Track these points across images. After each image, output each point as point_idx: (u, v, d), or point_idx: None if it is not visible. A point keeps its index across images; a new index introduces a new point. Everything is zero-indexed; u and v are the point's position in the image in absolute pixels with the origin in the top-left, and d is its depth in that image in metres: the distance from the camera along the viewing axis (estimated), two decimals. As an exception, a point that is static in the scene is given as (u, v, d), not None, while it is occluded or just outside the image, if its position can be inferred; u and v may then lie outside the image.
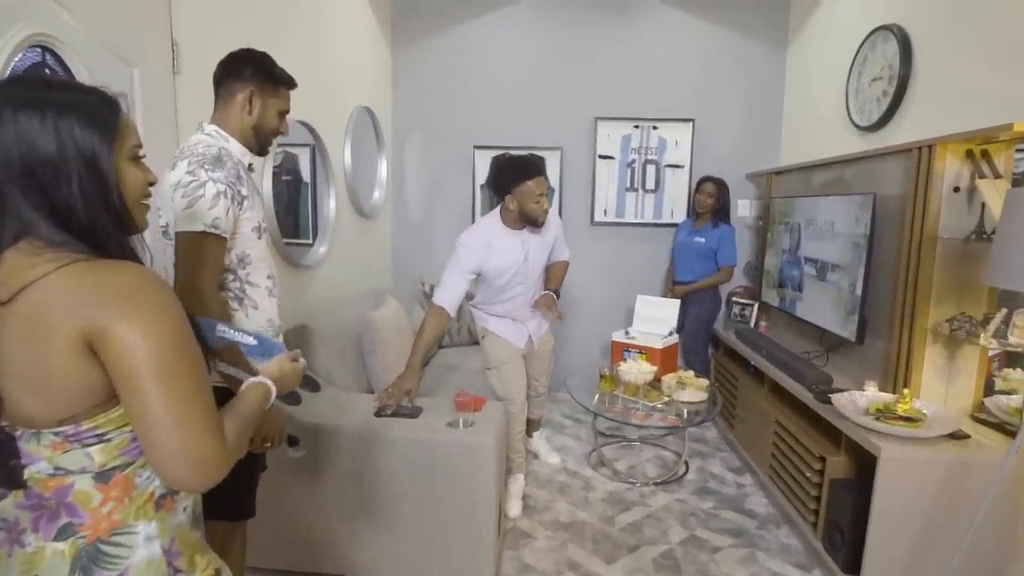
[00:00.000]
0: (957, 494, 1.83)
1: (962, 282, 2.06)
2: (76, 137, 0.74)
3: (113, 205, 0.78)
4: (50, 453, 0.76)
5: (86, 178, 0.75)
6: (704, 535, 2.41)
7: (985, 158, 1.98)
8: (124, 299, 0.73)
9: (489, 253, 2.39)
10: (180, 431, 0.74)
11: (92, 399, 0.76)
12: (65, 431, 0.75)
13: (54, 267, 0.73)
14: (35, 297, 0.72)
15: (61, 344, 0.71)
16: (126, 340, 0.71)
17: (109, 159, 0.77)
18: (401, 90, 3.92)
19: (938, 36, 2.32)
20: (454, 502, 1.99)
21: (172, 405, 0.73)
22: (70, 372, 0.73)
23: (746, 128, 3.80)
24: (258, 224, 1.44)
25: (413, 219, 4.05)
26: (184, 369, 0.76)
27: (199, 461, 0.75)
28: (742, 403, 3.07)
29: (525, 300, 2.58)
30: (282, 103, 1.49)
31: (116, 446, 0.78)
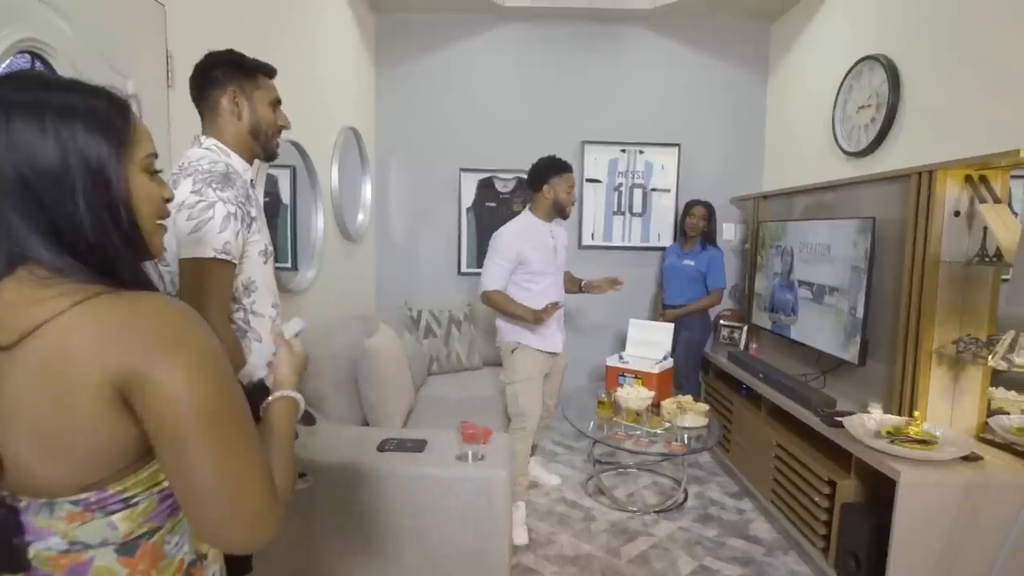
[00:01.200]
0: (976, 517, 1.82)
1: (964, 304, 2.09)
2: (81, 145, 0.63)
3: (124, 224, 0.67)
4: (65, 526, 0.64)
5: (92, 193, 0.63)
6: (714, 565, 2.35)
7: (983, 183, 2.03)
8: (161, 339, 0.62)
9: (522, 241, 2.61)
10: (232, 488, 0.64)
11: (123, 459, 0.65)
12: (87, 499, 0.64)
13: (70, 302, 0.61)
14: (50, 341, 0.60)
15: (87, 397, 0.60)
16: (167, 387, 0.61)
17: (119, 170, 0.66)
18: (385, 111, 3.85)
19: (925, 65, 2.40)
20: (464, 541, 1.88)
21: (222, 460, 0.63)
22: (99, 429, 0.61)
23: (730, 153, 3.86)
24: (265, 247, 1.33)
25: (397, 243, 3.95)
26: (233, 417, 0.65)
27: (255, 519, 0.65)
28: (738, 427, 3.05)
29: (554, 298, 2.65)
30: (268, 93, 1.37)
31: (143, 511, 0.67)
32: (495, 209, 3.89)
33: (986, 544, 1.82)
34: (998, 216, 1.94)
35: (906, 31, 2.51)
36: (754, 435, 2.85)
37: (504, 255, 2.59)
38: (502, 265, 2.59)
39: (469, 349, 3.55)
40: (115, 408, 0.61)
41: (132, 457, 0.65)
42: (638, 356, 3.23)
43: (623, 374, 3.14)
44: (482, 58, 3.82)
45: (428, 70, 3.82)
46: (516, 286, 2.65)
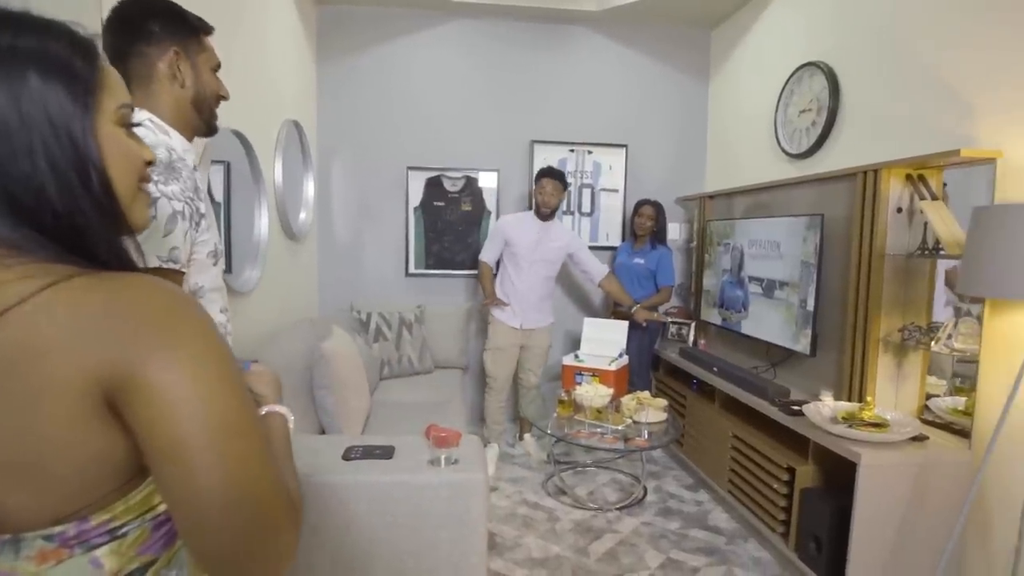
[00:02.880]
0: (927, 492, 1.93)
1: (907, 294, 2.23)
2: (36, 95, 0.51)
3: (96, 188, 0.54)
4: (35, 568, 0.51)
5: (55, 150, 0.51)
6: (680, 557, 2.38)
7: (922, 181, 2.17)
8: (154, 329, 0.50)
9: (513, 227, 3.29)
10: (248, 511, 0.52)
11: (111, 481, 0.53)
12: (63, 532, 0.51)
13: (37, 286, 0.49)
14: (12, 334, 0.48)
15: (63, 403, 0.48)
16: (165, 389, 0.49)
17: (86, 123, 0.53)
18: (327, 105, 3.68)
19: (862, 71, 2.54)
20: (440, 548, 1.80)
21: (235, 476, 0.51)
22: (78, 444, 0.50)
23: (675, 155, 3.97)
24: (215, 247, 1.17)
25: (341, 243, 3.78)
26: (244, 423, 0.53)
27: (273, 546, 0.54)
28: (692, 421, 3.12)
29: (526, 282, 3.29)
30: (211, 57, 1.18)
31: (134, 543, 0.55)
32: (444, 208, 3.81)
33: (937, 517, 1.94)
34: (937, 212, 2.08)
35: (843, 39, 2.66)
36: (709, 428, 2.92)
37: (496, 234, 3.34)
38: (493, 242, 3.34)
39: (421, 352, 3.45)
40: (99, 416, 0.50)
41: (122, 477, 0.53)
42: (594, 354, 3.25)
43: (580, 372, 3.15)
44: (430, 54, 3.74)
45: (373, 65, 3.69)
46: (502, 267, 3.36)
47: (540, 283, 3.33)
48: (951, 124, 2.07)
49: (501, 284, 3.35)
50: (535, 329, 3.35)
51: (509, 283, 3.31)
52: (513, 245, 3.25)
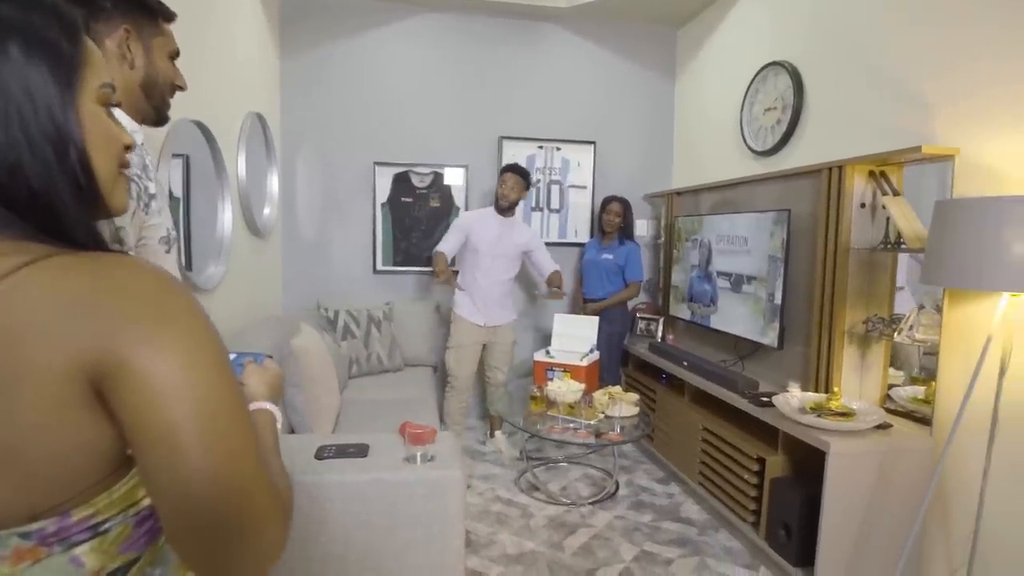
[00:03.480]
0: (892, 478, 2.00)
1: (870, 287, 2.30)
2: (18, 69, 0.48)
3: (74, 167, 0.51)
4: (9, 568, 0.48)
5: (33, 123, 0.48)
6: (653, 549, 2.40)
7: (884, 177, 2.24)
8: (142, 311, 0.47)
9: (475, 222, 3.25)
10: (238, 505, 0.50)
11: (94, 473, 0.50)
12: (42, 529, 0.48)
13: (14, 264, 0.46)
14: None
15: (45, 390, 0.45)
16: (153, 375, 0.46)
17: (68, 98, 0.51)
18: (291, 99, 3.59)
19: (825, 71, 2.61)
20: (418, 547, 1.76)
21: (226, 468, 0.49)
22: (60, 433, 0.47)
23: (642, 152, 4.01)
24: (167, 232, 1.12)
25: (306, 239, 3.69)
26: (235, 413, 0.51)
27: (264, 543, 0.52)
28: (661, 414, 3.16)
29: (489, 278, 3.26)
30: (168, 43, 1.12)
31: (116, 540, 0.52)
32: (411, 204, 3.75)
33: (900, 501, 2.00)
34: (898, 207, 2.15)
35: (807, 39, 2.73)
36: (679, 421, 2.96)
37: (457, 226, 3.26)
38: (453, 234, 3.23)
39: (390, 350, 3.39)
40: (84, 403, 0.47)
41: (106, 469, 0.50)
42: (564, 350, 3.26)
43: (551, 368, 3.15)
44: (397, 48, 3.67)
45: (339, 57, 3.61)
46: (461, 262, 3.32)
47: (502, 279, 3.31)
48: (911, 123, 2.14)
49: (463, 281, 3.31)
50: (499, 326, 3.33)
51: (471, 279, 3.28)
52: (475, 240, 3.22)
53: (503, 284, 3.32)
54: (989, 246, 1.54)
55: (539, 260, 3.42)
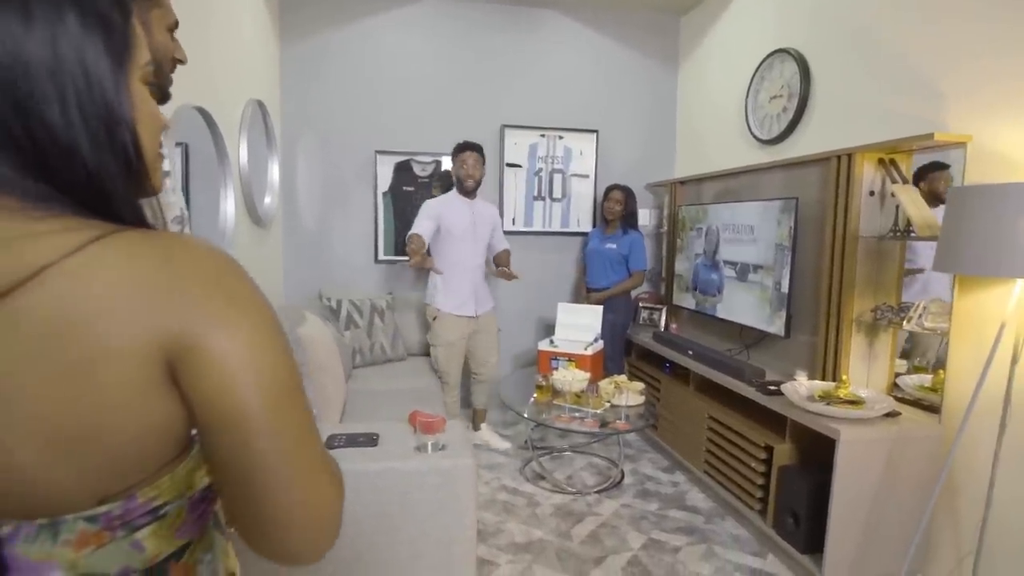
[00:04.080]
0: (901, 466, 2.00)
1: (878, 276, 2.30)
2: (75, 42, 0.46)
3: (127, 147, 0.49)
4: (73, 554, 0.47)
5: (88, 101, 0.46)
6: (661, 537, 2.41)
7: (893, 165, 2.23)
8: (214, 292, 0.47)
9: (444, 209, 3.08)
10: (304, 486, 0.50)
11: (164, 454, 0.49)
12: (108, 513, 0.47)
13: (83, 239, 0.44)
14: (59, 292, 0.42)
15: (123, 369, 0.44)
16: (227, 354, 0.46)
17: (119, 78, 0.49)
18: (291, 87, 3.54)
19: (833, 58, 2.60)
20: (430, 535, 1.76)
21: (294, 450, 0.49)
22: (136, 415, 0.45)
23: (645, 141, 3.99)
24: (180, 212, 1.11)
25: (307, 229, 3.65)
26: (300, 395, 0.51)
27: (327, 524, 0.51)
28: (666, 404, 3.16)
29: (471, 264, 3.15)
30: (167, 14, 1.05)
31: (172, 524, 0.51)
32: (413, 193, 3.72)
33: (909, 489, 2.01)
34: (908, 195, 2.14)
35: (814, 26, 2.71)
36: (684, 410, 2.96)
37: (428, 214, 3.04)
38: (426, 220, 3.02)
39: (393, 339, 3.37)
40: (158, 385, 0.45)
41: (174, 451, 0.50)
42: (569, 339, 3.25)
43: (556, 358, 3.14)
44: (398, 35, 3.63)
45: (340, 45, 3.57)
46: (439, 253, 3.11)
47: (481, 263, 3.23)
48: (920, 110, 2.13)
49: (443, 275, 3.09)
50: (484, 314, 3.24)
51: (454, 269, 3.10)
52: (449, 227, 3.07)
53: (482, 268, 3.25)
54: (1005, 233, 1.54)
55: (496, 237, 3.31)
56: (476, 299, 3.18)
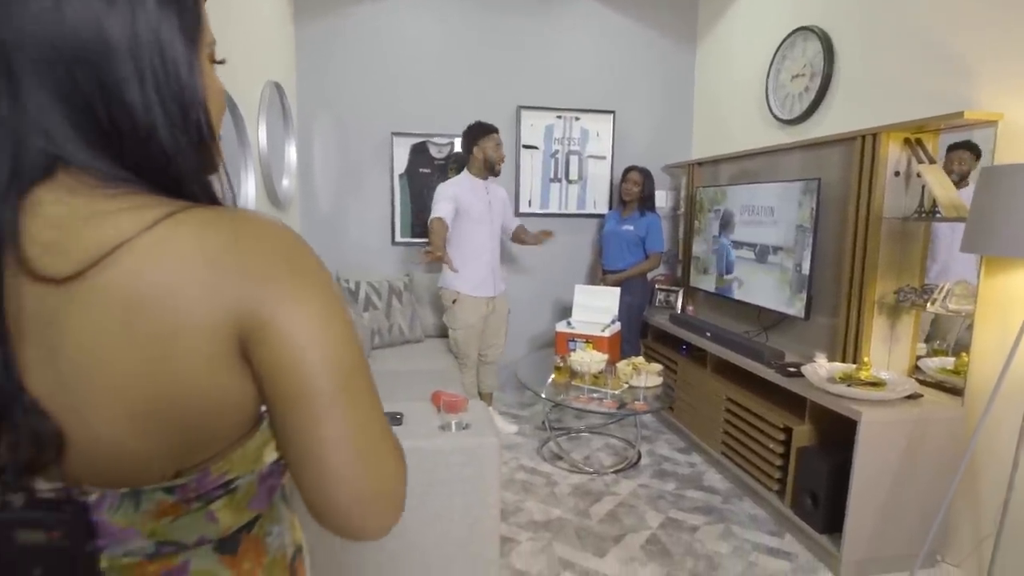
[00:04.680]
0: (922, 448, 2.01)
1: (902, 257, 2.28)
2: (153, 21, 0.46)
3: (201, 127, 0.50)
4: (154, 523, 0.49)
5: (164, 81, 0.47)
6: (679, 516, 2.44)
7: (919, 145, 2.20)
8: (283, 268, 0.47)
9: (461, 191, 3.01)
10: (372, 462, 0.50)
11: (236, 429, 0.50)
12: (185, 485, 0.49)
13: (157, 215, 0.44)
14: (136, 268, 0.43)
15: (199, 345, 0.44)
16: (297, 330, 0.46)
17: (192, 58, 0.49)
18: (307, 68, 3.53)
19: (858, 37, 2.55)
20: (455, 513, 1.79)
21: (362, 426, 0.49)
22: (212, 389, 0.46)
23: (661, 122, 3.95)
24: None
25: (324, 211, 3.67)
26: (366, 372, 0.51)
27: (393, 499, 0.52)
28: (683, 385, 3.17)
29: (488, 245, 3.11)
30: None
31: (244, 497, 0.53)
32: (429, 175, 3.72)
33: (929, 471, 2.02)
34: (935, 175, 2.12)
35: (838, 4, 2.65)
36: (701, 392, 2.97)
37: (447, 197, 2.97)
38: (446, 203, 2.95)
39: (411, 321, 3.40)
40: (232, 361, 0.46)
41: (245, 427, 0.51)
42: (586, 321, 3.26)
43: (573, 339, 3.15)
44: (413, 15, 3.60)
45: (355, 25, 3.54)
46: (458, 235, 3.03)
47: (497, 245, 3.21)
48: (949, 87, 2.09)
49: (462, 258, 2.99)
50: (499, 295, 3.21)
51: (475, 251, 3.06)
52: (467, 210, 3.01)
53: (498, 249, 3.24)
54: (1037, 213, 1.52)
55: (508, 218, 3.31)
56: (495, 279, 3.17)
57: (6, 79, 0.43)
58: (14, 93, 0.43)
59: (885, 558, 2.06)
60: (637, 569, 2.08)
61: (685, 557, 2.15)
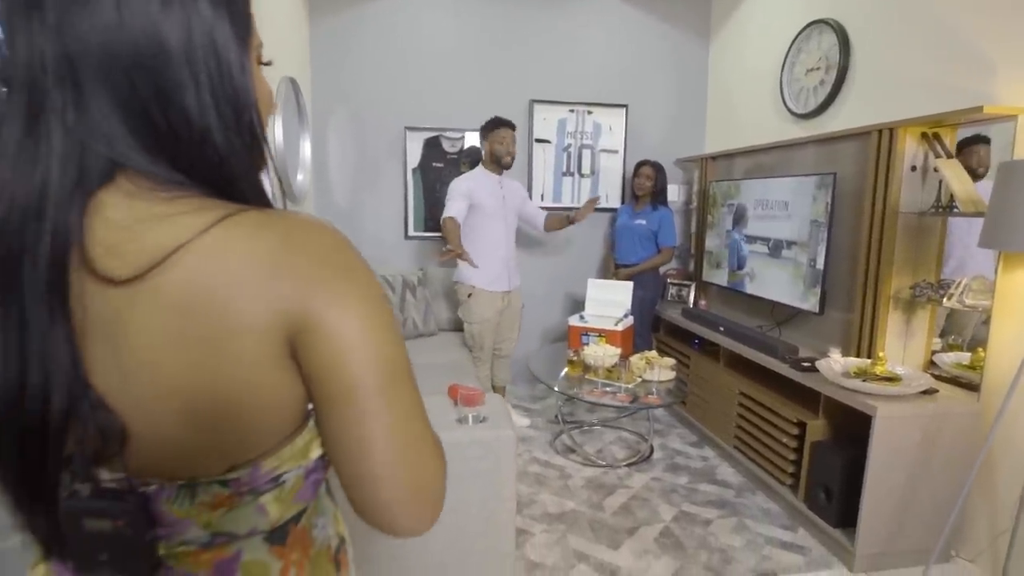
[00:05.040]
0: (938, 444, 2.01)
1: (917, 252, 2.27)
2: (207, 24, 0.47)
3: (253, 128, 0.51)
4: (209, 515, 0.51)
5: (218, 84, 0.48)
6: (692, 510, 2.45)
7: (937, 140, 2.19)
8: (331, 270, 0.48)
9: (474, 186, 3.01)
10: (414, 460, 0.51)
11: (285, 427, 0.51)
12: (238, 479, 0.50)
13: (212, 218, 0.46)
14: (193, 270, 0.44)
15: (252, 345, 0.46)
16: (343, 330, 0.47)
17: (244, 60, 0.50)
18: (321, 63, 3.55)
19: (875, 29, 2.53)
20: (471, 505, 1.81)
21: (404, 425, 0.51)
22: (265, 388, 0.48)
23: (674, 115, 3.94)
24: None
25: (338, 205, 3.69)
26: (410, 372, 0.53)
27: (434, 497, 0.53)
28: (695, 379, 3.18)
29: (502, 239, 3.11)
30: None
31: (291, 490, 0.54)
32: (442, 169, 3.73)
33: (945, 466, 2.02)
34: (953, 170, 2.11)
35: (855, -4, 2.64)
36: (714, 386, 2.98)
37: (460, 193, 2.98)
38: (459, 200, 2.96)
39: (425, 315, 3.42)
40: (283, 361, 0.47)
41: (295, 423, 0.52)
42: (599, 315, 3.27)
43: (586, 333, 3.17)
44: (426, 10, 3.60)
45: (368, 20, 3.55)
46: (472, 230, 3.02)
47: (512, 239, 3.20)
48: (967, 81, 2.08)
49: (476, 250, 2.97)
50: (513, 290, 3.21)
51: (490, 245, 3.06)
52: (482, 205, 3.01)
53: (513, 243, 3.22)
54: (1057, 209, 1.52)
55: (531, 210, 3.31)
56: (510, 273, 3.16)
57: (73, 90, 0.44)
58: (80, 103, 0.45)
59: (899, 552, 2.06)
60: (651, 562, 2.10)
61: (699, 550, 2.17)
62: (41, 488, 0.46)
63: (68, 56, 0.44)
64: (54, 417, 0.44)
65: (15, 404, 0.44)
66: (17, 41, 0.44)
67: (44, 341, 0.43)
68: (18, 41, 0.44)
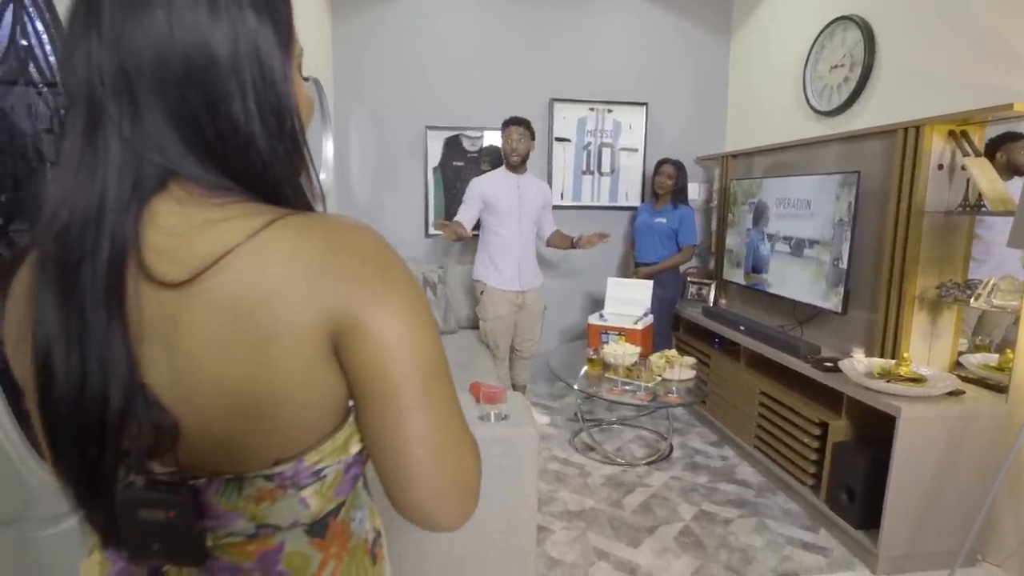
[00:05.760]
0: (963, 446, 1.98)
1: (944, 252, 2.24)
2: (253, 32, 0.49)
3: (295, 135, 0.52)
4: (255, 507, 0.52)
5: (263, 92, 0.49)
6: (712, 509, 2.45)
7: (965, 138, 2.15)
8: (373, 272, 0.50)
9: (490, 186, 3.10)
10: (452, 457, 0.53)
11: (328, 423, 0.53)
12: (282, 472, 0.52)
13: (259, 224, 0.47)
14: (242, 273, 0.46)
15: (297, 345, 0.47)
16: (385, 330, 0.49)
17: (287, 68, 0.51)
18: (343, 64, 3.59)
19: (900, 26, 2.50)
20: (492, 506, 1.83)
21: (443, 423, 0.53)
22: (309, 386, 0.49)
23: (694, 113, 3.92)
24: None
25: (360, 204, 3.74)
26: (447, 369, 0.55)
27: (469, 493, 0.55)
28: (716, 378, 3.17)
29: (516, 239, 3.13)
30: None
31: (331, 484, 0.56)
32: (463, 168, 3.76)
33: (971, 468, 2.00)
34: (981, 168, 2.07)
35: (881, -8, 2.60)
36: (734, 385, 2.97)
37: (472, 197, 3.12)
38: (469, 204, 3.12)
39: (445, 313, 3.46)
40: (327, 360, 0.49)
41: (337, 419, 0.54)
42: (619, 313, 3.27)
43: (606, 331, 3.17)
44: (447, 10, 3.63)
45: (389, 21, 3.59)
46: (486, 229, 3.14)
47: (530, 239, 3.20)
48: (996, 77, 2.05)
49: (489, 250, 3.14)
50: (530, 290, 3.20)
51: (501, 245, 3.11)
52: (494, 204, 3.07)
53: (532, 244, 3.22)
54: (1089, 209, 1.49)
55: (544, 220, 3.29)
56: (521, 274, 3.14)
57: (128, 102, 0.47)
58: (135, 114, 0.47)
59: (923, 555, 2.05)
60: (671, 560, 2.11)
61: (719, 550, 2.17)
62: (100, 483, 0.49)
63: (124, 69, 0.46)
64: (112, 416, 0.46)
65: (76, 405, 0.46)
66: (77, 57, 0.47)
67: (103, 344, 0.45)
68: (78, 57, 0.47)
